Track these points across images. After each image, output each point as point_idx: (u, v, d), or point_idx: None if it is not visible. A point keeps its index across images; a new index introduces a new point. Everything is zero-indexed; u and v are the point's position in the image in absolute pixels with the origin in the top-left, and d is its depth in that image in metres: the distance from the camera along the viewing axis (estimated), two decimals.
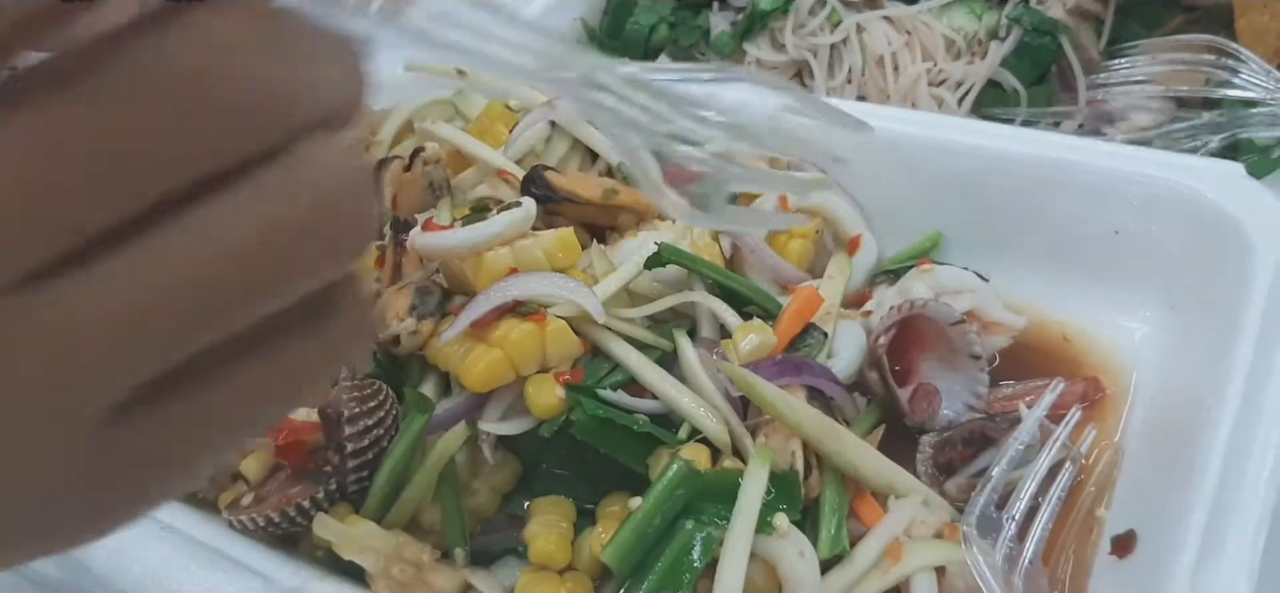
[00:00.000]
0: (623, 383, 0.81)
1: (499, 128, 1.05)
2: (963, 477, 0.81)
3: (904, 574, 0.72)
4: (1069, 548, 0.78)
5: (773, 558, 0.71)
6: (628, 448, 0.78)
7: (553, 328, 0.80)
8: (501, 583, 0.80)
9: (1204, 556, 0.67)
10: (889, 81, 1.12)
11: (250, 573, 0.76)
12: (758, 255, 0.93)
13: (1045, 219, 0.95)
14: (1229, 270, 0.85)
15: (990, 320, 0.89)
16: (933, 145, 0.99)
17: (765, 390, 0.76)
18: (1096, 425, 0.84)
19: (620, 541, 0.71)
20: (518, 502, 0.84)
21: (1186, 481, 0.72)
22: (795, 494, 0.74)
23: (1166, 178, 0.91)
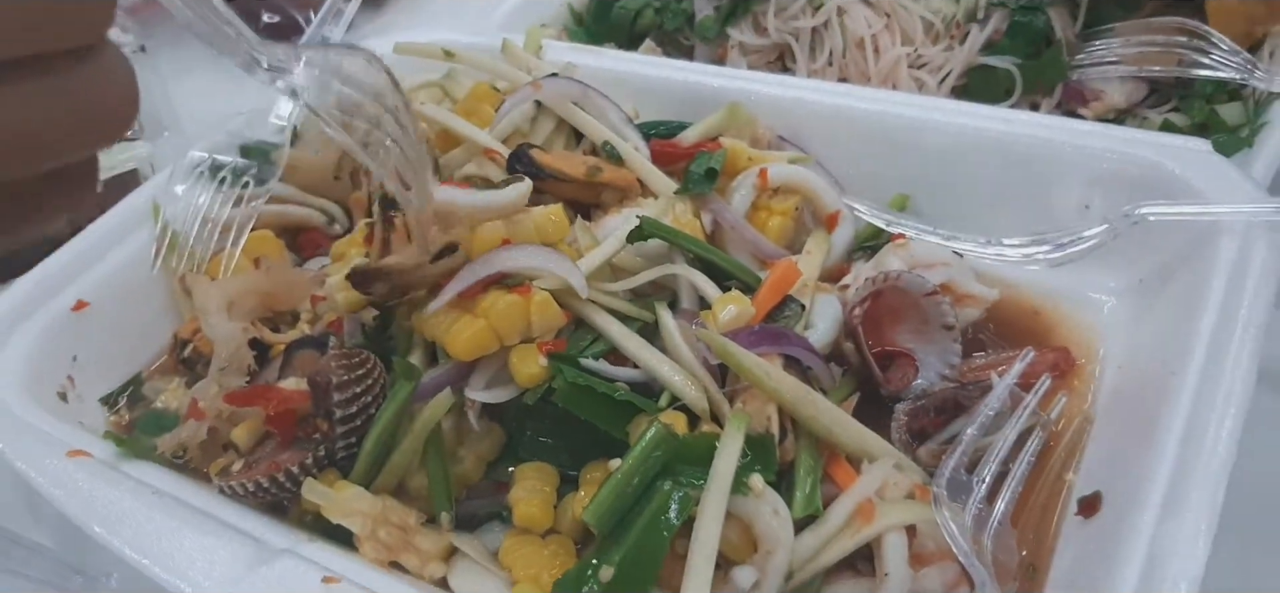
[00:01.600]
0: (604, 353, 0.83)
1: (485, 108, 1.07)
2: (935, 443, 0.83)
3: (876, 533, 0.74)
4: (1037, 510, 0.80)
5: (748, 517, 0.73)
6: (608, 415, 0.80)
7: (537, 299, 0.82)
8: (486, 547, 0.82)
9: (1166, 514, 0.69)
10: (870, 64, 1.15)
11: (242, 535, 0.78)
12: (738, 231, 0.95)
13: (1017, 195, 0.98)
14: (1194, 244, 0.87)
15: (963, 293, 0.91)
16: (908, 124, 1.02)
17: (743, 358, 0.78)
18: (1066, 394, 0.87)
19: (600, 501, 0.73)
20: (502, 469, 0.86)
21: (1151, 443, 0.74)
22: (771, 457, 0.76)
23: (1135, 154, 0.93)
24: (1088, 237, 0.92)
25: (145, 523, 0.79)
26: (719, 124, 1.05)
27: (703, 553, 0.70)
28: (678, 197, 0.96)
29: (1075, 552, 0.76)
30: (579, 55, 1.17)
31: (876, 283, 0.88)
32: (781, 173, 0.98)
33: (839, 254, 1.00)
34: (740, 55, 1.23)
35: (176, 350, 1.03)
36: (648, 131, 1.05)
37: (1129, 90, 1.10)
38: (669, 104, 1.11)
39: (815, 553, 0.75)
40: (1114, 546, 0.70)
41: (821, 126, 1.05)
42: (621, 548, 0.72)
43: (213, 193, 1.07)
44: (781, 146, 1.06)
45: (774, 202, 0.99)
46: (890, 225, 0.99)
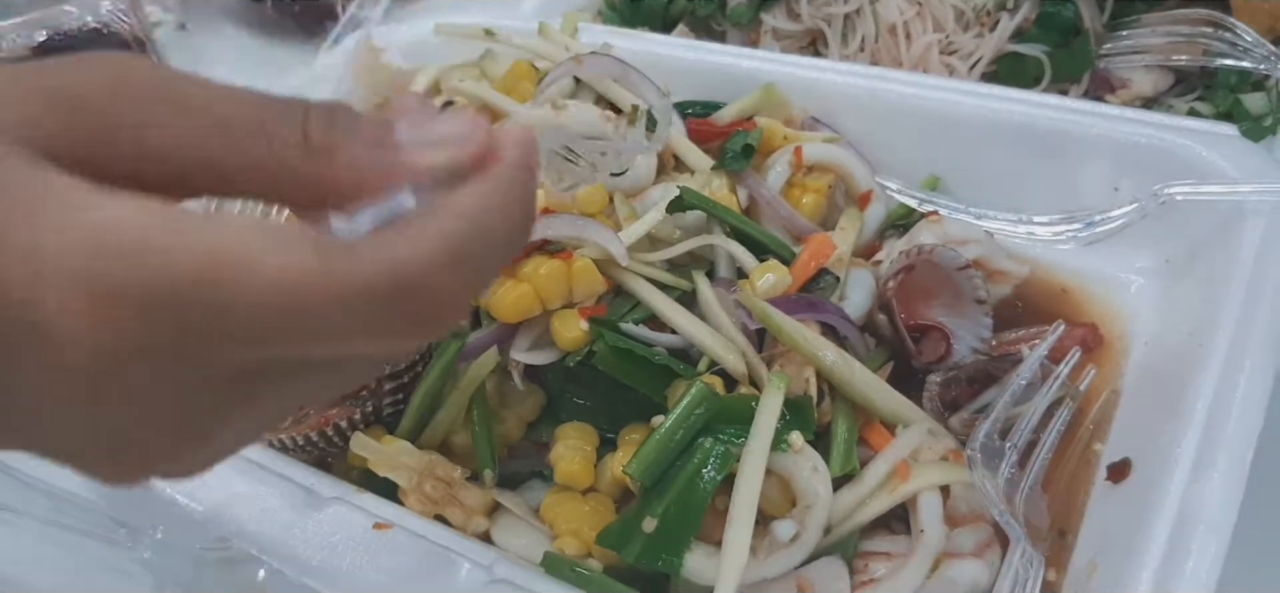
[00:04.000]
0: (644, 319, 0.86)
1: (525, 85, 1.09)
2: (967, 412, 0.85)
3: (911, 492, 0.77)
4: (1067, 478, 0.82)
5: (787, 473, 0.75)
6: (647, 379, 0.82)
7: (579, 265, 0.84)
8: (528, 503, 0.84)
9: (1195, 475, 0.71)
10: (902, 50, 1.17)
11: (292, 484, 0.80)
12: (773, 207, 0.97)
13: (1047, 177, 1.00)
14: (1222, 225, 0.89)
15: (995, 269, 0.94)
16: (940, 107, 1.04)
17: (782, 321, 0.80)
18: (1095, 368, 0.89)
19: (643, 455, 0.75)
20: (542, 431, 0.88)
21: (1179, 410, 0.76)
22: (809, 418, 0.78)
23: (1163, 137, 0.95)
24: (1117, 215, 0.94)
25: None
26: (754, 104, 1.07)
27: (744, 505, 0.72)
28: (714, 172, 0.98)
29: (1105, 515, 0.77)
30: (615, 37, 1.19)
31: (910, 256, 0.90)
32: (816, 151, 1.01)
33: (871, 232, 1.02)
34: (773, 40, 1.25)
35: None
36: (683, 111, 1.07)
37: (1155, 79, 1.12)
38: (703, 86, 1.13)
39: (852, 510, 0.77)
40: (1143, 508, 0.71)
41: (854, 108, 1.07)
42: (664, 501, 0.74)
43: None
44: (815, 128, 1.08)
45: (808, 179, 1.01)
46: (922, 204, 1.02)
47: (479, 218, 0.37)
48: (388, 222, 0.36)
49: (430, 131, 0.38)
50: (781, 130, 1.03)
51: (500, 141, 0.39)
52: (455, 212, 0.36)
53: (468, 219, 0.36)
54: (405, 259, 0.35)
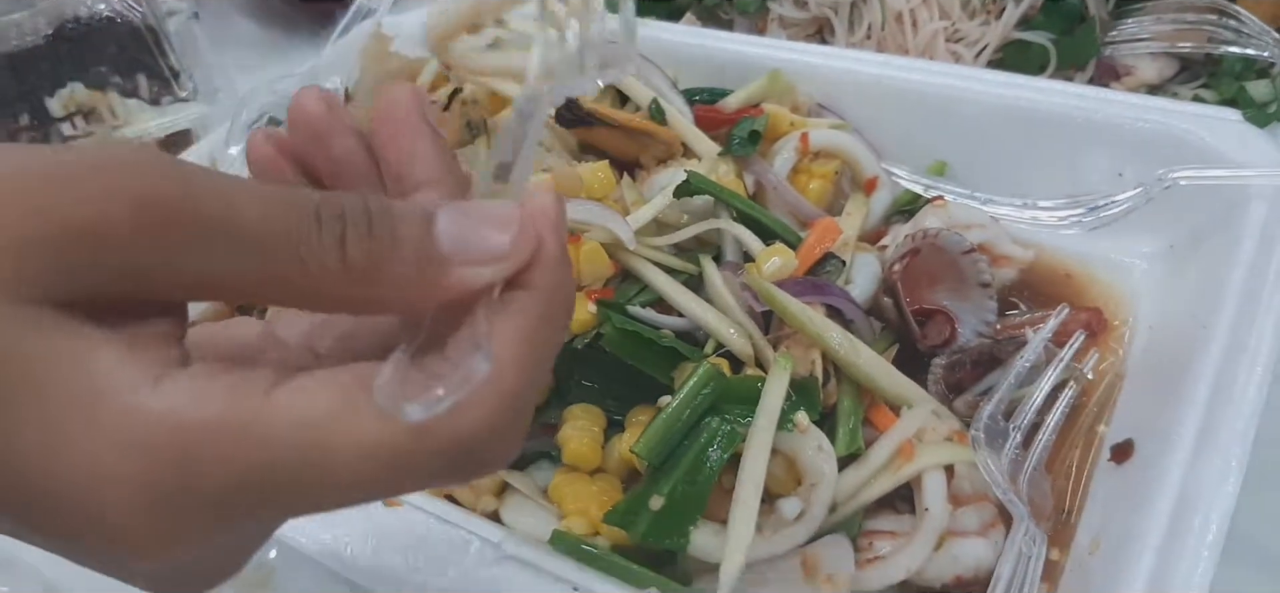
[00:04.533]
0: (651, 302, 0.86)
1: None
2: (971, 395, 0.85)
3: (916, 471, 0.77)
4: (1070, 459, 0.83)
5: (793, 452, 0.76)
6: (654, 361, 0.82)
7: (587, 248, 0.85)
8: (536, 483, 0.85)
9: (1197, 456, 0.71)
10: (908, 37, 1.17)
11: None
12: (779, 192, 0.98)
13: (1052, 163, 1.00)
14: (1225, 210, 0.90)
15: (1000, 254, 0.94)
16: (946, 93, 1.04)
17: (788, 303, 0.81)
18: (1099, 352, 0.89)
19: (651, 434, 0.76)
20: (550, 413, 0.89)
21: (1181, 391, 0.76)
22: (815, 398, 0.79)
23: (1168, 123, 0.95)
24: (1121, 200, 0.95)
25: None
26: (760, 91, 1.08)
27: (750, 483, 0.73)
28: (721, 158, 0.98)
29: (1108, 495, 0.78)
30: None
31: (915, 240, 0.91)
32: (822, 137, 1.01)
33: (877, 218, 1.02)
34: (780, 28, 1.26)
35: None
36: (690, 98, 1.08)
37: (1160, 67, 1.13)
38: (709, 73, 1.14)
39: (857, 489, 0.78)
40: (1146, 487, 0.72)
41: (860, 95, 1.08)
42: (670, 480, 0.75)
43: None
44: (821, 114, 1.09)
45: (814, 165, 1.02)
46: (928, 190, 1.02)
47: (537, 358, 0.38)
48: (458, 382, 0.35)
49: (476, 239, 0.37)
50: (788, 117, 1.04)
51: (539, 233, 0.38)
52: (515, 365, 0.36)
53: (527, 368, 0.37)
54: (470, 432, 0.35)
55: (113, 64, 1.34)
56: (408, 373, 0.34)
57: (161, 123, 1.31)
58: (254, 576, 0.90)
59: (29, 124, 1.28)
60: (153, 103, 1.35)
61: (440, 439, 0.34)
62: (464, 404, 0.34)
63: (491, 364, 0.35)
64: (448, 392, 0.34)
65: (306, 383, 0.34)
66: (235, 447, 0.32)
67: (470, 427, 0.35)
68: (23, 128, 1.28)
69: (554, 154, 0.97)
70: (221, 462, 0.32)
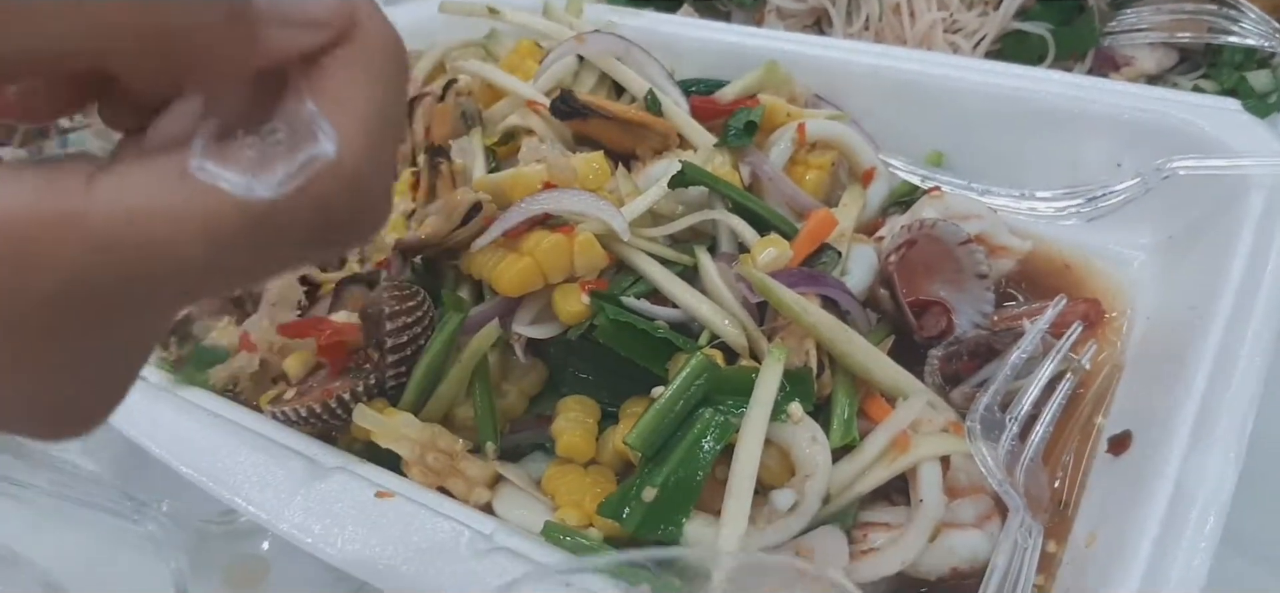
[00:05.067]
0: (645, 294, 0.86)
1: (529, 63, 1.10)
2: (968, 386, 0.85)
3: (911, 462, 0.77)
4: (1068, 451, 0.82)
5: (786, 443, 0.76)
6: (648, 352, 0.82)
7: (581, 240, 0.84)
8: (530, 475, 0.84)
9: (1194, 448, 0.71)
10: (906, 28, 1.17)
11: (295, 454, 0.80)
12: (776, 183, 0.97)
13: (1050, 153, 1.00)
14: (1224, 200, 0.89)
15: (997, 245, 0.93)
16: (944, 84, 1.04)
17: (782, 293, 0.80)
18: (1096, 343, 0.89)
19: (644, 425, 0.75)
20: (544, 405, 0.88)
21: (1179, 382, 0.76)
22: (809, 389, 0.78)
23: (1166, 113, 0.95)
24: (1119, 191, 0.94)
25: (201, 442, 0.82)
26: (757, 82, 1.07)
27: (743, 474, 0.73)
28: (717, 149, 0.98)
29: (1105, 487, 0.77)
30: (619, 16, 1.20)
31: (912, 230, 0.90)
32: (819, 128, 1.01)
33: (874, 209, 1.02)
34: (778, 20, 1.25)
35: None
36: (687, 89, 1.07)
37: (1159, 57, 1.12)
38: (707, 65, 1.14)
39: (852, 481, 0.77)
40: (1143, 478, 0.71)
41: (857, 86, 1.07)
42: (663, 471, 0.75)
43: None
44: (818, 105, 1.08)
45: (811, 156, 1.01)
46: (925, 181, 1.02)
47: (382, 124, 0.35)
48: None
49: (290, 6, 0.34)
50: (785, 107, 1.03)
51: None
52: (364, 139, 0.34)
53: (375, 140, 0.35)
54: (324, 210, 0.33)
55: None
56: (232, 144, 0.32)
57: None
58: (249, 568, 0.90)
59: None
60: None
61: (295, 215, 0.32)
62: (315, 182, 0.32)
63: (335, 136, 0.33)
64: (288, 170, 0.32)
65: (129, 169, 0.31)
66: (62, 242, 0.30)
67: (324, 201, 0.33)
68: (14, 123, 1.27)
69: (548, 145, 0.97)
70: (50, 262, 0.30)
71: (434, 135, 1.06)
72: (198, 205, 0.31)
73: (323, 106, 0.33)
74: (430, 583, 0.70)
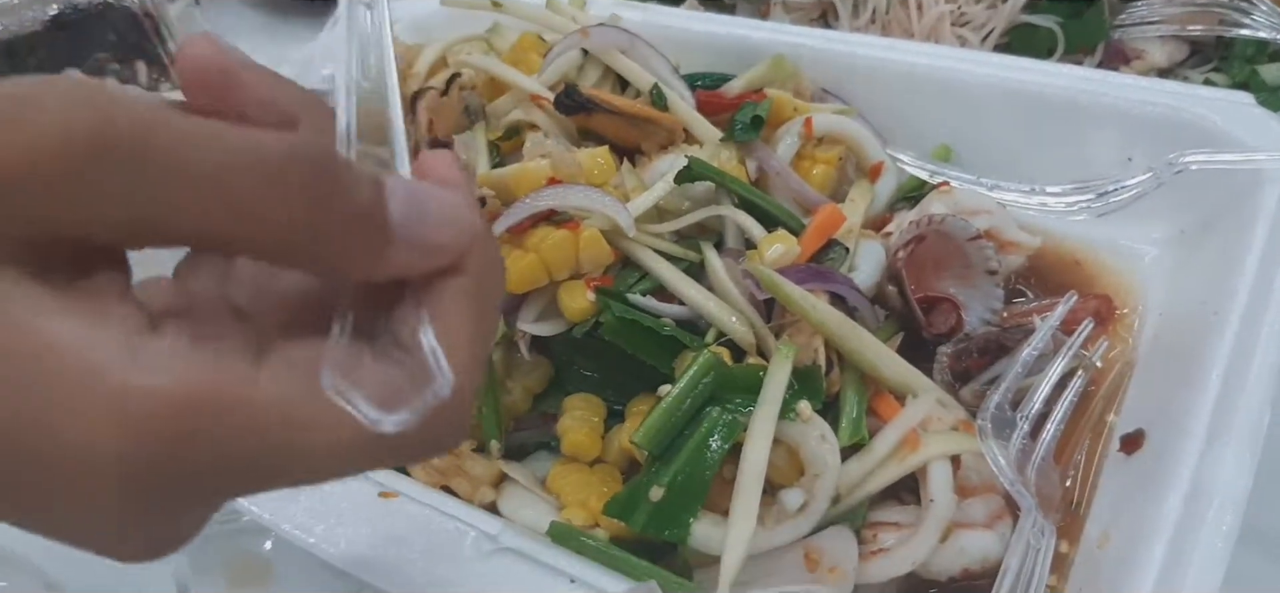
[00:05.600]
0: (651, 290, 0.85)
1: (533, 57, 1.09)
2: (978, 384, 0.84)
3: (922, 461, 0.76)
4: (1079, 449, 0.81)
5: (795, 442, 0.75)
6: (654, 349, 0.81)
7: (586, 236, 0.83)
8: (534, 474, 0.83)
9: (1209, 446, 0.70)
10: (913, 21, 1.16)
11: None
12: (783, 178, 0.96)
13: (1060, 147, 0.99)
14: (1237, 194, 0.88)
15: (1007, 240, 0.92)
16: (952, 77, 1.03)
17: (790, 290, 0.79)
18: (1108, 340, 0.88)
19: (650, 423, 0.74)
20: (549, 403, 0.88)
21: (1193, 379, 0.75)
22: (817, 387, 0.77)
23: (1178, 106, 0.94)
24: (1130, 186, 0.93)
25: None
26: (763, 76, 1.06)
27: (752, 473, 0.72)
28: (723, 144, 0.97)
29: (1118, 486, 0.77)
30: (623, 8, 1.18)
31: (920, 226, 0.89)
32: (826, 122, 1.00)
33: (882, 204, 1.01)
34: (783, 12, 1.24)
35: None
36: (692, 83, 1.06)
37: (1170, 50, 1.11)
38: (713, 58, 1.13)
39: (861, 480, 0.76)
40: (1157, 477, 0.71)
41: (865, 80, 1.06)
42: (671, 470, 0.74)
43: None
44: (825, 100, 1.07)
45: (818, 151, 1.00)
46: (933, 176, 1.01)
47: (483, 352, 0.38)
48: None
49: (422, 225, 0.36)
50: (791, 102, 1.02)
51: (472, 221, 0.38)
52: (468, 370, 0.36)
53: (478, 368, 0.37)
54: (434, 438, 0.37)
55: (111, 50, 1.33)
56: (359, 359, 0.35)
57: None
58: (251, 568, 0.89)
59: None
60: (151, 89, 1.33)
61: (409, 444, 0.36)
62: (430, 418, 0.35)
63: (452, 380, 0.35)
64: (413, 410, 0.34)
65: (283, 364, 0.34)
66: (226, 426, 0.32)
67: (435, 435, 0.36)
68: None
69: (553, 140, 0.96)
70: (213, 440, 0.32)
71: (437, 130, 1.05)
72: (331, 421, 0.33)
73: (439, 337, 0.36)
74: (435, 584, 0.69)
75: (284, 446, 0.33)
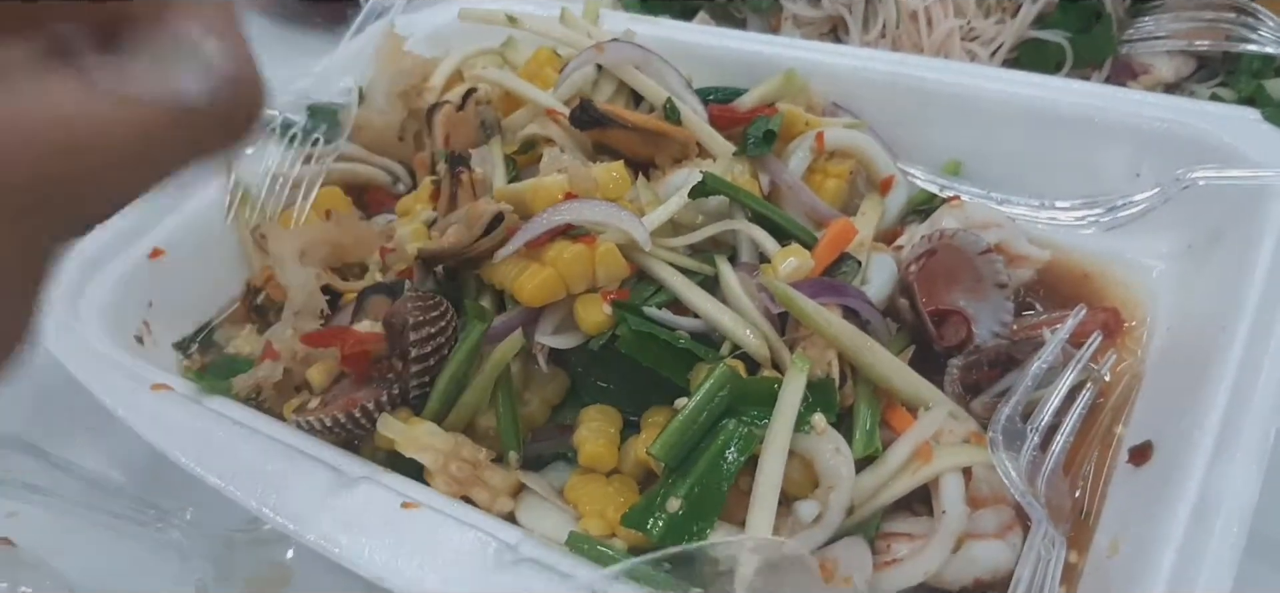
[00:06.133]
0: (666, 303, 0.86)
1: (547, 72, 1.10)
2: (988, 396, 0.85)
3: (934, 473, 0.77)
4: (1088, 461, 0.82)
5: (810, 454, 0.76)
6: (670, 362, 0.82)
7: (602, 249, 0.84)
8: (552, 485, 0.85)
9: (1217, 458, 0.71)
10: (923, 35, 1.17)
11: (320, 464, 0.81)
12: (795, 192, 0.98)
13: (1069, 163, 1.00)
14: (1244, 209, 0.89)
15: (1016, 254, 0.94)
16: (962, 92, 1.04)
17: (804, 304, 0.81)
18: (1116, 353, 0.89)
19: (667, 435, 0.76)
20: (566, 414, 0.89)
21: (1201, 393, 0.76)
22: (832, 399, 0.79)
23: (1185, 122, 0.95)
24: (1139, 200, 0.94)
25: (226, 451, 0.82)
26: (775, 90, 1.08)
27: (768, 485, 0.73)
28: (736, 158, 0.98)
29: (1127, 497, 0.78)
30: (637, 24, 1.20)
31: (931, 240, 0.90)
32: (837, 137, 1.01)
33: (892, 218, 1.02)
34: (794, 27, 1.26)
35: (249, 298, 1.06)
36: (705, 97, 1.08)
37: (1177, 65, 1.12)
38: (724, 72, 1.14)
39: (875, 491, 0.77)
40: (1166, 489, 0.72)
41: (875, 94, 1.08)
42: (687, 481, 0.75)
43: (283, 150, 1.11)
44: (835, 114, 1.09)
45: (830, 165, 1.01)
46: (943, 190, 1.02)
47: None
48: None
49: None
50: (803, 116, 1.03)
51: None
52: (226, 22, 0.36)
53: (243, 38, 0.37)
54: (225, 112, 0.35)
55: None
56: (132, 59, 0.34)
57: None
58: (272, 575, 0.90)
59: None
60: None
61: (202, 123, 0.35)
62: (219, 89, 0.35)
63: (223, 46, 0.35)
64: (195, 79, 0.34)
65: (29, 77, 0.33)
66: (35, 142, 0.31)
67: (226, 107, 0.35)
68: None
69: (568, 154, 0.97)
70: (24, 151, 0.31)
71: (453, 143, 1.07)
72: (120, 114, 0.33)
73: (197, 20, 0.35)
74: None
75: (76, 147, 0.32)
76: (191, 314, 1.06)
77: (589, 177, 0.91)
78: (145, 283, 1.03)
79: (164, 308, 1.04)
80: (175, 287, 1.04)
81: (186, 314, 1.06)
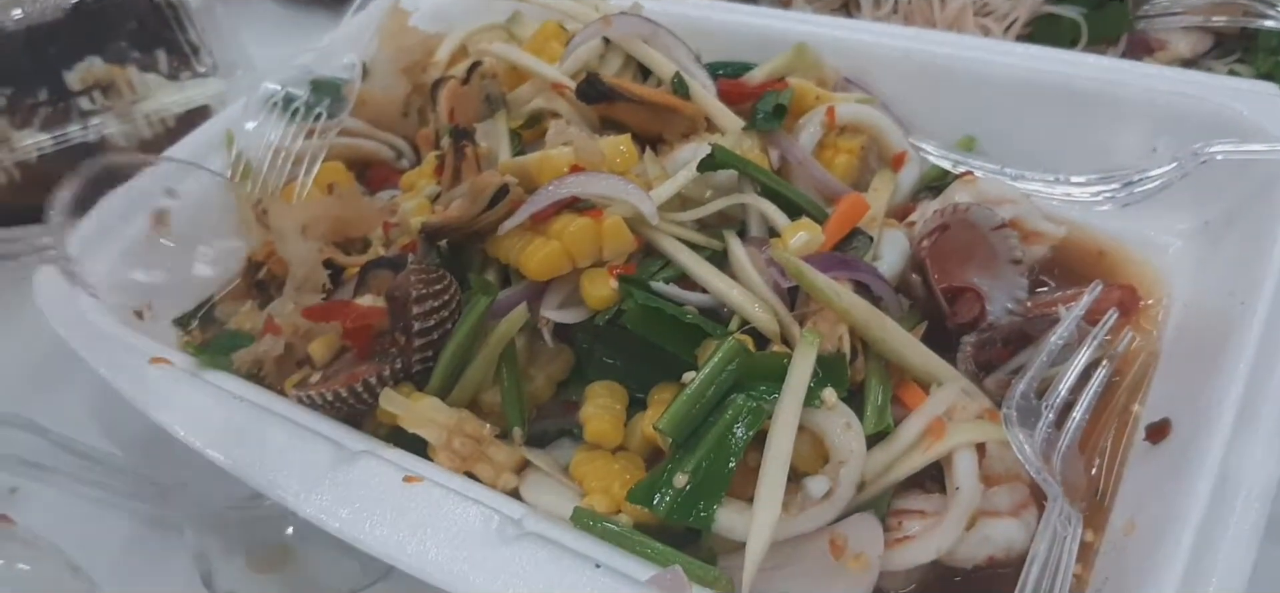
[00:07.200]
0: (673, 279, 0.85)
1: (553, 46, 1.09)
2: (1002, 373, 0.83)
3: (947, 449, 0.75)
4: (1104, 439, 0.81)
5: (820, 429, 0.75)
6: (677, 338, 0.81)
7: (609, 223, 0.83)
8: (557, 461, 0.83)
9: (1237, 436, 0.69)
10: (935, 10, 1.15)
11: (321, 438, 0.80)
12: (805, 167, 0.96)
13: (1084, 138, 0.98)
14: (1262, 185, 0.88)
15: (1031, 230, 0.92)
16: (975, 67, 1.02)
17: (815, 278, 0.79)
18: (1133, 330, 0.87)
19: (675, 410, 0.74)
20: (571, 391, 0.87)
21: (1220, 369, 0.74)
22: (842, 375, 0.77)
23: (1203, 97, 0.93)
24: (1155, 176, 0.93)
25: (226, 425, 0.81)
26: (785, 65, 1.06)
27: (777, 460, 0.71)
28: (745, 133, 0.97)
29: (1144, 475, 0.76)
30: None
31: (944, 215, 0.89)
32: (849, 111, 1.00)
33: (905, 194, 1.01)
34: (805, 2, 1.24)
35: (250, 273, 1.05)
36: (715, 72, 1.06)
37: (1193, 41, 1.10)
38: (735, 47, 1.12)
39: (887, 468, 0.76)
40: (1185, 466, 0.70)
41: (888, 69, 1.06)
42: (695, 457, 0.74)
43: (285, 125, 1.09)
44: (847, 89, 1.07)
45: (841, 140, 1.00)
46: (957, 166, 1.00)
47: None
48: None
49: None
50: (814, 91, 1.02)
51: None
52: None
53: None
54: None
55: (132, 39, 1.33)
56: None
57: (179, 98, 1.30)
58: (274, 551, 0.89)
59: (46, 98, 1.27)
60: (171, 78, 1.34)
61: None
62: None
63: None
64: None
65: None
66: None
67: None
68: (40, 102, 1.27)
69: (575, 127, 0.96)
70: None
71: (458, 118, 1.05)
72: None
73: None
74: (459, 568, 0.69)
75: None
76: (192, 290, 1.05)
77: (596, 149, 0.89)
78: (146, 258, 1.01)
79: (165, 284, 1.02)
80: (175, 262, 1.03)
81: (187, 290, 1.05)
